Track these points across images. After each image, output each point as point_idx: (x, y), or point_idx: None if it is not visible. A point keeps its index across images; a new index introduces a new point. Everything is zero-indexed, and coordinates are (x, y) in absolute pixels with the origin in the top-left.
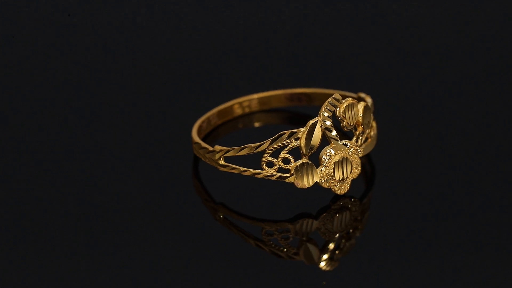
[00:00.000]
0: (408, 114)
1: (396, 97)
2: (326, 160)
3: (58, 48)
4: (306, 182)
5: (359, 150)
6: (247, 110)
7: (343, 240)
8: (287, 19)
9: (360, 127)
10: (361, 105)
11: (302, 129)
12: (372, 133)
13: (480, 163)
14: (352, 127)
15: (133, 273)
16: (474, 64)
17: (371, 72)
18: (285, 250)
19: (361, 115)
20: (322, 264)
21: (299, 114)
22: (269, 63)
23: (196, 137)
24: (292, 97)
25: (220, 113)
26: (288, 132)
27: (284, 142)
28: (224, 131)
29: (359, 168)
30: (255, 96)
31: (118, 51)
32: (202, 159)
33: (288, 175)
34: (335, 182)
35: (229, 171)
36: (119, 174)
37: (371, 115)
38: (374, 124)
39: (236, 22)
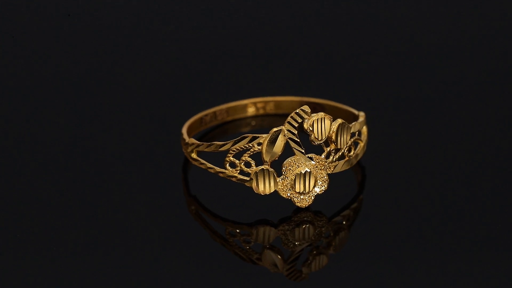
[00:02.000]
0: (421, 131)
1: (417, 114)
2: (287, 170)
3: (58, 47)
4: (264, 188)
5: (328, 167)
6: (261, 111)
7: (314, 253)
8: (317, 29)
9: (333, 144)
10: (335, 122)
11: (264, 135)
12: (351, 153)
13: (464, 187)
14: (321, 142)
15: (99, 259)
16: (472, 69)
17: (390, 89)
18: (247, 253)
19: (334, 132)
20: (286, 274)
21: None
22: (290, 70)
23: (184, 128)
24: (307, 105)
25: (230, 109)
26: (250, 136)
27: (246, 145)
28: (232, 128)
29: (326, 184)
30: (271, 98)
31: (143, 49)
32: (183, 149)
33: (248, 178)
34: (295, 194)
35: (198, 165)
36: (117, 160)
37: (350, 134)
38: (361, 144)
39: (262, 27)
